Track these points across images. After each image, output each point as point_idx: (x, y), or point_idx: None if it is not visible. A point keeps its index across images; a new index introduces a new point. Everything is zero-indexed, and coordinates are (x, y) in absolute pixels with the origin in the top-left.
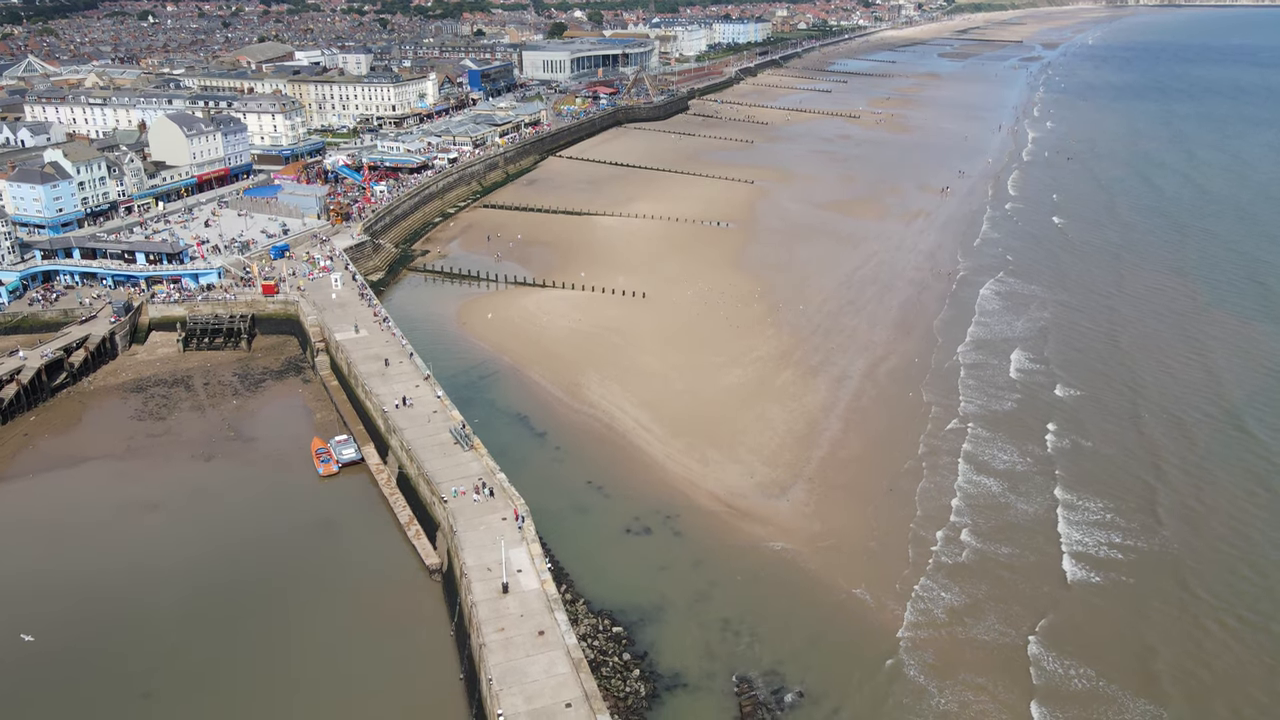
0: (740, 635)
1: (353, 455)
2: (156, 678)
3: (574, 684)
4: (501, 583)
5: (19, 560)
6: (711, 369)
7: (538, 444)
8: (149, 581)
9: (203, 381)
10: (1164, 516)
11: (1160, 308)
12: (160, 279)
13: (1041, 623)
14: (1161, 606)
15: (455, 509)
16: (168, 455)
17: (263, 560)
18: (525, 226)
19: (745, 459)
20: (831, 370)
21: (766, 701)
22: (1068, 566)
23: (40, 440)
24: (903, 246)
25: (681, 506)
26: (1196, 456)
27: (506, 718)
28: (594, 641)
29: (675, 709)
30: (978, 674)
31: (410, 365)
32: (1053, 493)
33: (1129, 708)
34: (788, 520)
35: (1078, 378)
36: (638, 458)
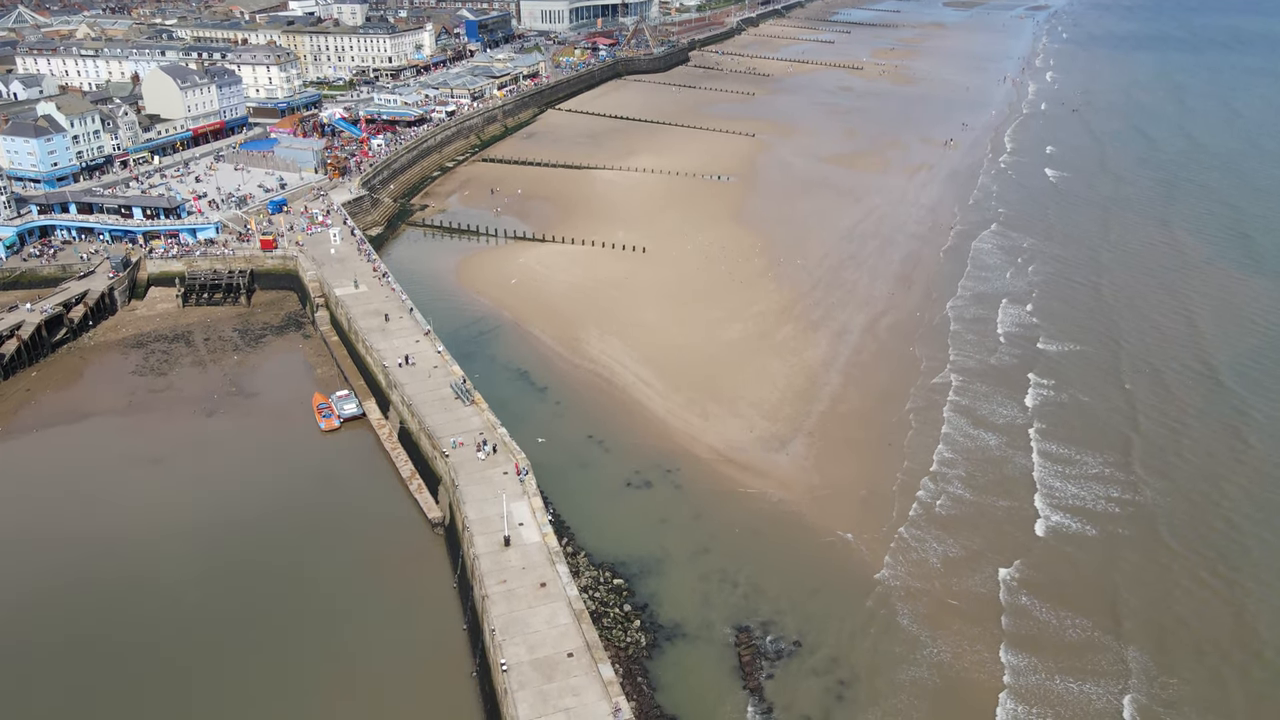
0: (739, 586)
1: (354, 410)
2: (164, 629)
3: (576, 634)
4: (503, 536)
5: (26, 513)
6: (712, 323)
7: (538, 399)
8: (155, 535)
9: (203, 337)
10: (1139, 469)
11: (1145, 260)
12: (158, 234)
13: (1026, 571)
14: (1132, 555)
15: (457, 463)
16: (169, 410)
17: (267, 514)
18: (525, 181)
19: (745, 413)
20: (832, 325)
21: (765, 651)
22: (1043, 513)
23: (42, 396)
24: (904, 200)
25: (682, 460)
26: (1174, 409)
27: (510, 667)
28: (595, 593)
29: (675, 659)
30: (969, 624)
31: (410, 320)
32: (1033, 444)
33: (1094, 647)
34: (787, 473)
35: (1063, 332)
36: (638, 412)
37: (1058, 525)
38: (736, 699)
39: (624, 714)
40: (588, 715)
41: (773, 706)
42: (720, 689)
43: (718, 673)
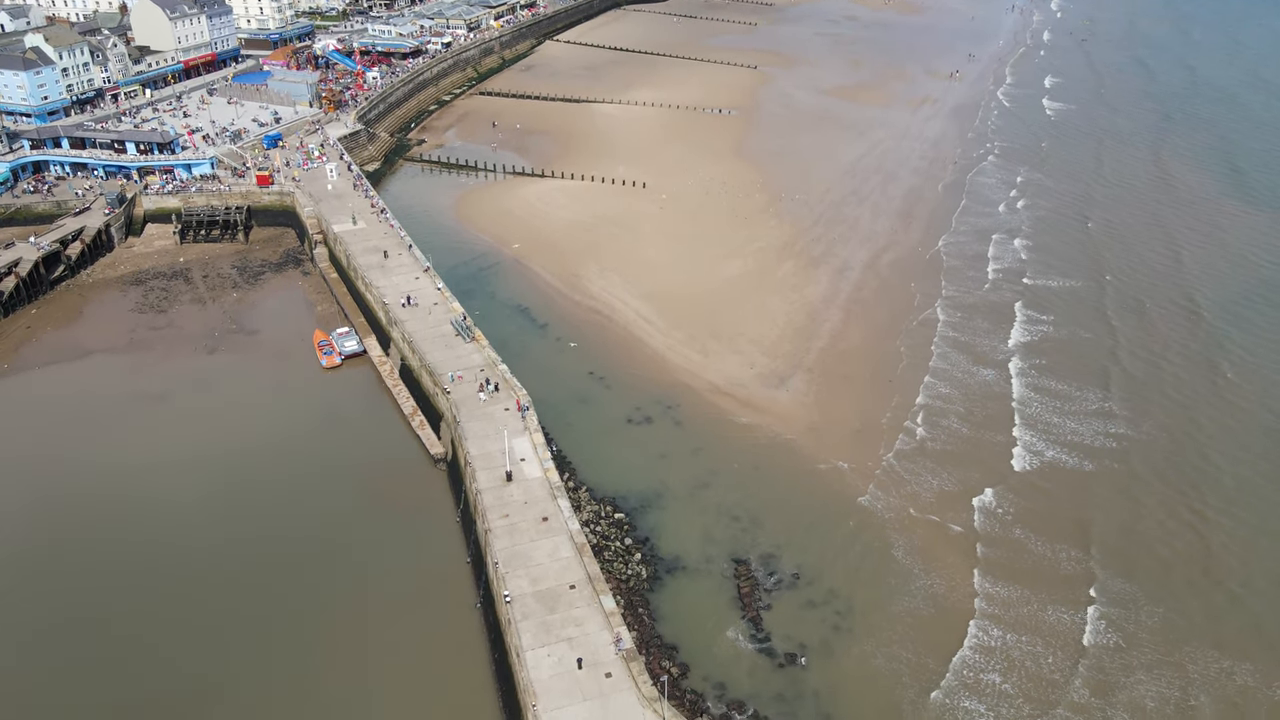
0: (738, 520)
1: (355, 347)
2: (169, 563)
3: (577, 567)
4: (505, 471)
5: (33, 449)
6: (712, 260)
7: (539, 335)
8: (159, 471)
9: (201, 274)
10: (1118, 402)
11: (1136, 194)
12: (152, 170)
13: (1015, 501)
14: (1106, 485)
15: (458, 399)
16: (171, 348)
17: (270, 451)
18: (523, 115)
19: (745, 350)
20: (833, 261)
21: (763, 583)
22: (1021, 441)
23: (43, 333)
24: (908, 134)
25: (682, 396)
26: (1156, 344)
27: (513, 599)
28: (596, 527)
29: (675, 591)
30: (963, 557)
31: (410, 257)
32: (1016, 379)
33: (1061, 568)
34: (786, 409)
35: (1053, 268)
36: (639, 349)
37: (1035, 454)
38: (735, 629)
39: (625, 644)
40: (590, 645)
41: (771, 636)
42: (720, 620)
43: (717, 604)
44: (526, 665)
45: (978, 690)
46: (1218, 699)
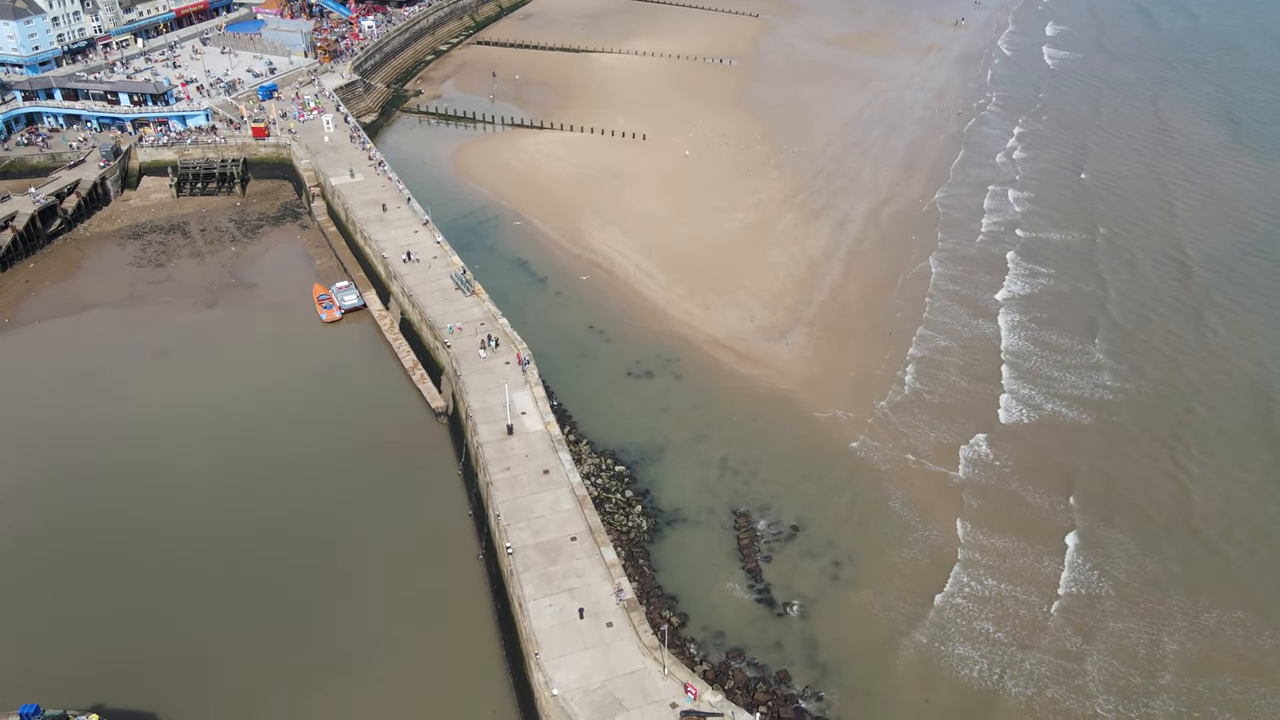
0: (738, 473)
1: (355, 301)
2: (172, 515)
3: (578, 519)
4: (506, 424)
5: (36, 403)
6: (713, 212)
7: (539, 289)
8: (161, 425)
9: (199, 228)
10: (1104, 353)
11: (1131, 144)
12: (146, 121)
13: (1008, 450)
14: (1089, 434)
15: (459, 353)
16: (170, 302)
17: (271, 404)
18: (521, 65)
19: (746, 303)
20: (834, 214)
21: (763, 534)
22: (1009, 388)
23: (42, 288)
24: (912, 84)
25: (682, 350)
26: (1144, 295)
27: (515, 550)
28: (597, 480)
29: (676, 542)
30: (958, 508)
31: (408, 211)
32: (1011, 331)
33: (1042, 511)
34: (786, 363)
35: (1047, 219)
36: (639, 303)
37: (1021, 403)
38: (735, 579)
39: (626, 594)
40: (591, 595)
41: (770, 586)
42: (719, 570)
43: (717, 555)
44: (529, 615)
45: (971, 637)
46: (1190, 643)
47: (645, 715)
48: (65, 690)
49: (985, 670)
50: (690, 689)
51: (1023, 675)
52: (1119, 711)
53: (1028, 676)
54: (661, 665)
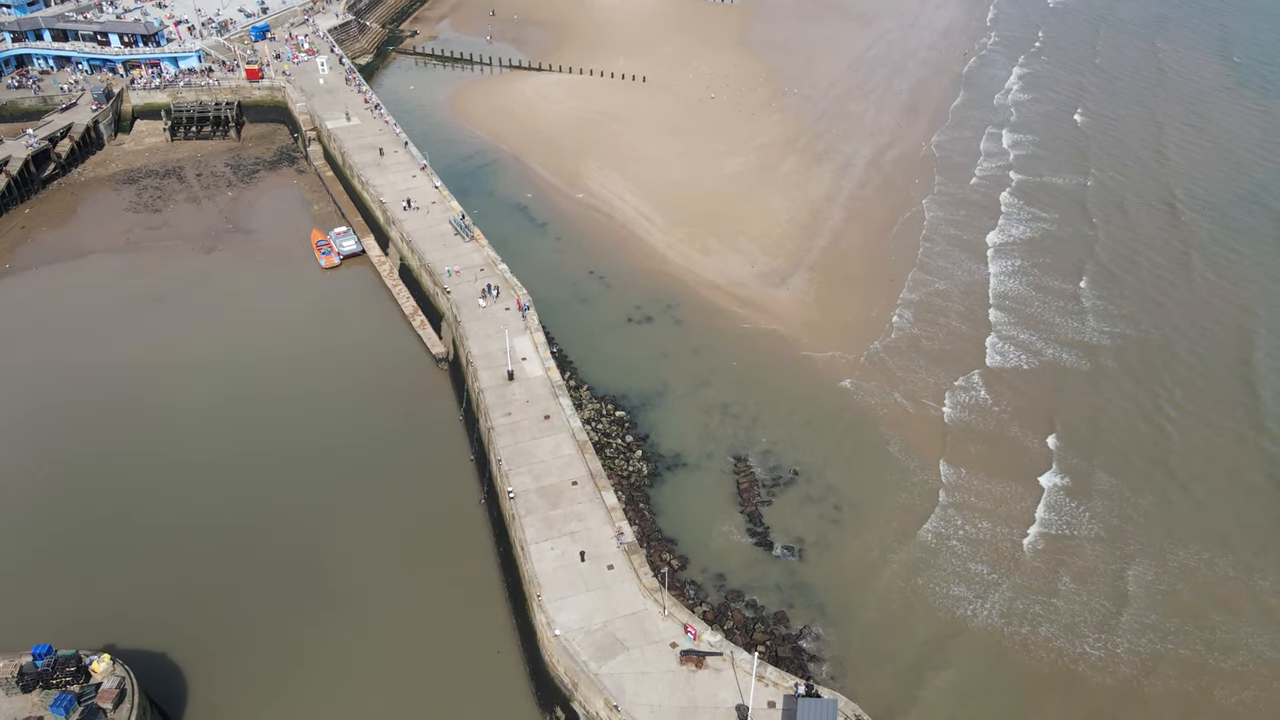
0: (738, 418)
1: (353, 247)
2: (174, 460)
3: (579, 464)
4: (507, 370)
5: (35, 350)
6: (714, 156)
7: (538, 234)
8: (163, 371)
9: (195, 172)
10: (1091, 299)
11: (1128, 85)
12: (138, 63)
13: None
14: (1072, 377)
15: (458, 299)
16: (168, 248)
17: (272, 351)
18: (519, 4)
19: (746, 248)
20: (836, 158)
21: (762, 479)
22: (992, 318)
23: (38, 234)
24: (917, 24)
25: (682, 295)
26: (1132, 239)
27: (516, 494)
28: (598, 425)
29: (676, 486)
30: (957, 451)
31: (406, 155)
32: (1010, 276)
33: (1024, 447)
34: (787, 308)
35: (1042, 161)
36: (639, 247)
37: (1004, 349)
38: (734, 523)
39: (626, 537)
40: (592, 539)
41: (769, 530)
42: (719, 514)
43: (717, 499)
44: (531, 558)
45: (965, 578)
46: (1158, 577)
47: (646, 655)
48: (77, 631)
49: (977, 609)
50: (690, 629)
51: (1016, 614)
52: (1106, 649)
53: (1021, 616)
54: (662, 606)
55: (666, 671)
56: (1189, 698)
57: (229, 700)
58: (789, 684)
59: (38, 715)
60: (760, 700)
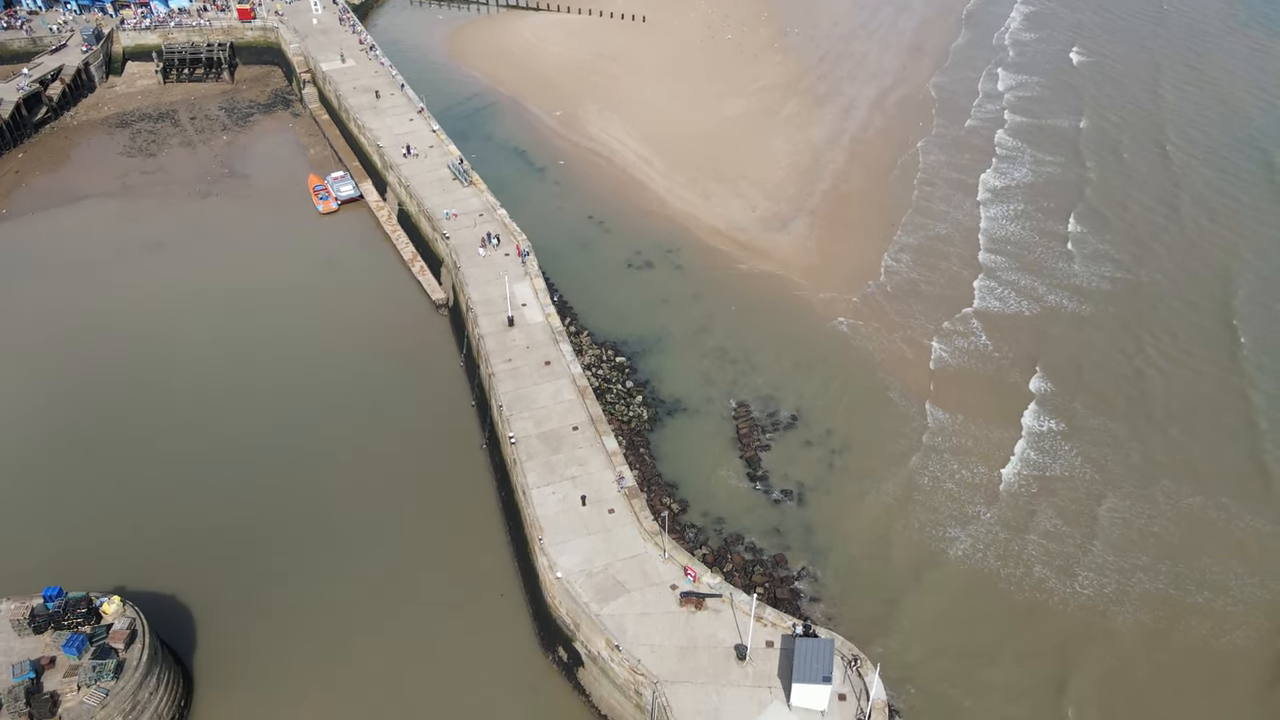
0: (738, 363)
1: (351, 192)
2: (176, 404)
3: (580, 409)
4: (507, 316)
5: (34, 296)
6: (714, 98)
7: (537, 179)
8: (162, 318)
9: (189, 116)
10: (1078, 240)
11: (1127, 20)
12: (127, 2)
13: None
14: (1056, 317)
15: (458, 245)
16: (164, 193)
17: (272, 297)
18: None
19: (747, 193)
20: (839, 100)
21: (762, 423)
22: (982, 261)
23: (32, 178)
24: None
25: (683, 240)
26: (1121, 181)
27: (518, 440)
28: (598, 370)
29: (676, 431)
30: (958, 393)
31: (402, 98)
32: (991, 217)
33: (1007, 380)
34: (788, 253)
35: (1041, 105)
36: (639, 192)
37: (989, 287)
38: (734, 467)
39: (627, 482)
40: (593, 483)
41: (768, 474)
42: (719, 459)
43: (716, 444)
44: (533, 502)
45: (961, 519)
46: (1132, 515)
47: (646, 596)
48: (87, 573)
49: (971, 550)
50: (690, 571)
51: (1010, 555)
52: (1095, 586)
53: (1015, 557)
54: (662, 550)
55: (666, 613)
56: (1155, 629)
57: (238, 640)
58: (787, 624)
59: (50, 655)
60: (759, 640)
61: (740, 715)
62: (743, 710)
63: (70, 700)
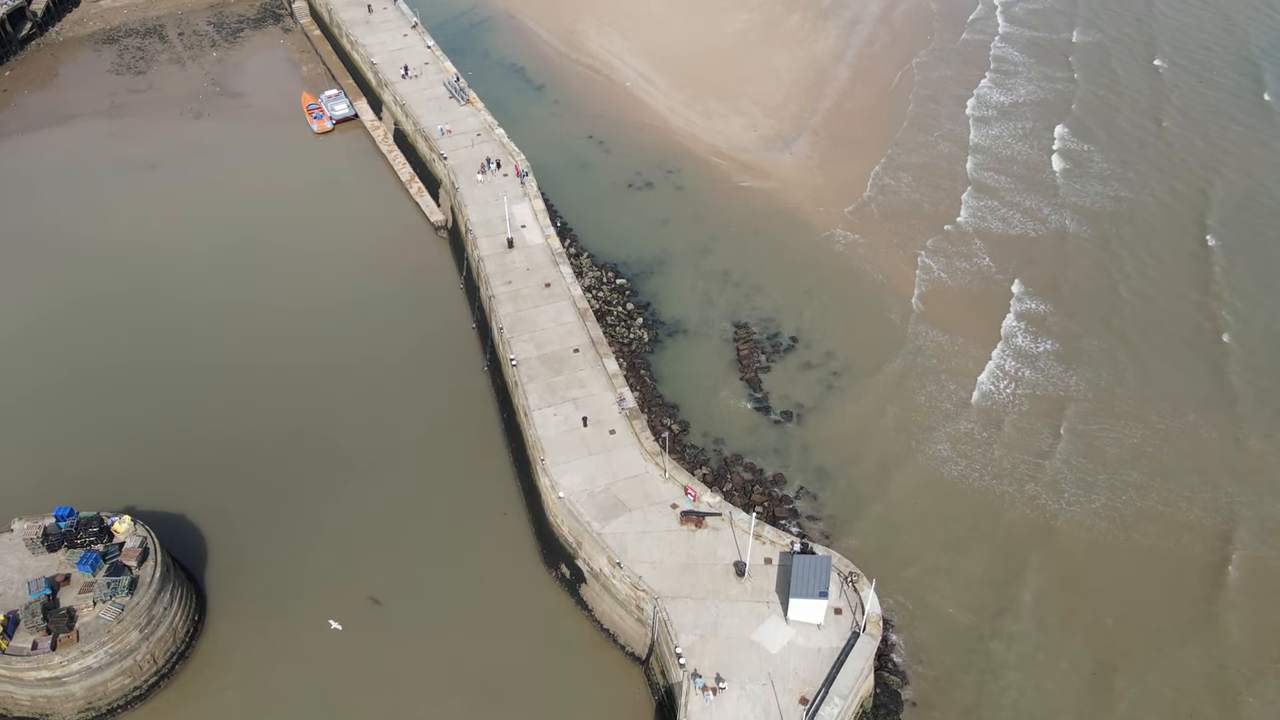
0: (739, 285)
1: (346, 111)
2: (185, 326)
3: (581, 331)
4: (507, 238)
5: (31, 217)
6: (716, 12)
7: (536, 97)
8: (158, 240)
9: (177, 32)
10: (1062, 155)
11: None
12: None
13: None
14: (1037, 230)
15: (455, 165)
16: (155, 112)
17: (269, 220)
18: None
19: (749, 111)
20: (844, 13)
21: (762, 345)
22: (974, 171)
23: (21, 97)
24: None
25: (684, 160)
26: (1107, 93)
27: (519, 362)
28: (599, 293)
29: (676, 353)
30: (959, 313)
31: (395, 11)
32: (979, 136)
33: (995, 289)
34: (790, 173)
35: (1039, 17)
36: (639, 111)
37: (975, 200)
38: (734, 389)
39: (628, 403)
40: (594, 405)
41: (768, 395)
42: (719, 381)
43: (716, 366)
44: (534, 423)
45: (956, 439)
46: (1103, 429)
47: (647, 515)
48: (97, 493)
49: (965, 470)
50: (690, 491)
51: (1004, 474)
52: (1083, 505)
53: (1009, 475)
54: (662, 470)
55: (667, 531)
56: (1110, 532)
57: (248, 557)
58: (785, 542)
59: (65, 573)
60: (757, 557)
61: (739, 628)
62: (741, 624)
63: (87, 615)
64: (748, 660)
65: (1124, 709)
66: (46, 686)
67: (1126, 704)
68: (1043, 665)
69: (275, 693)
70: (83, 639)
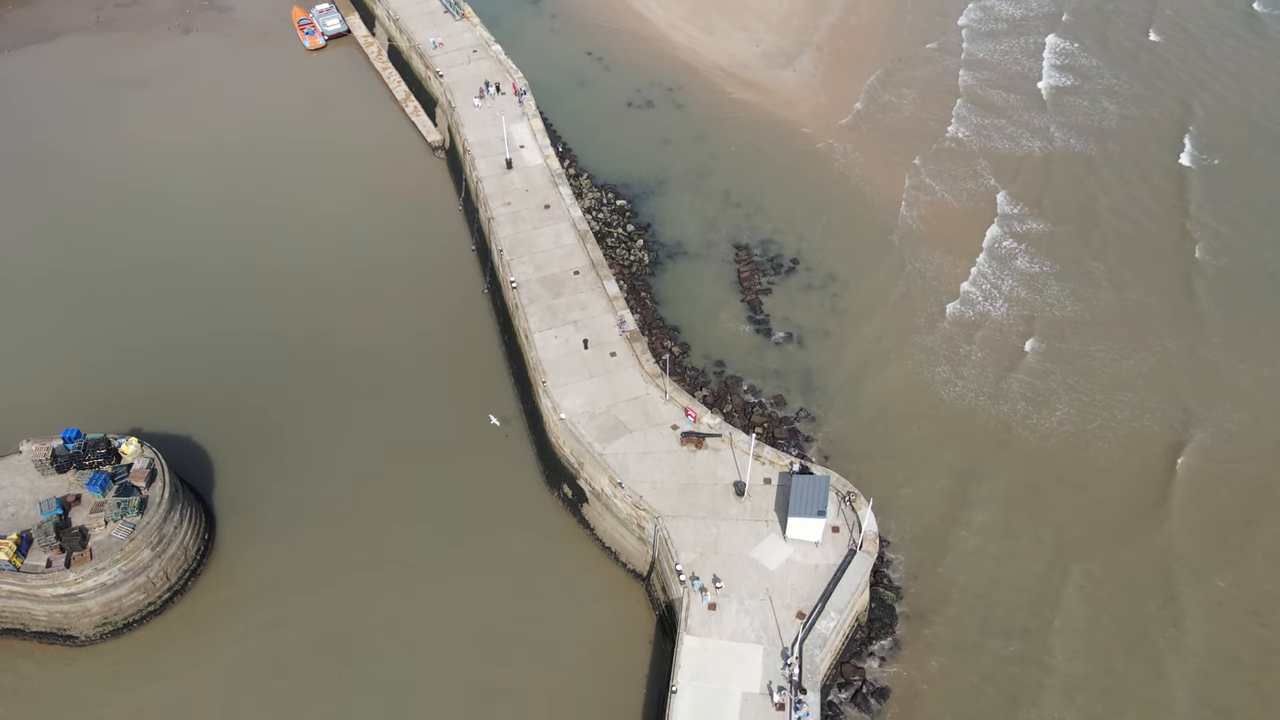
0: (740, 206)
1: (338, 26)
2: (187, 247)
3: (581, 253)
4: (505, 159)
5: (22, 134)
6: None
7: (533, 12)
8: (151, 159)
9: None
10: (1051, 71)
11: None
12: None
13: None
14: (1023, 148)
15: (452, 83)
16: (143, 28)
17: (261, 139)
18: None
19: (752, 26)
20: None
21: (763, 266)
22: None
23: (5, 13)
24: None
25: (684, 78)
26: (1101, 23)
27: (519, 284)
28: (599, 214)
29: (677, 275)
30: (961, 237)
31: None
32: (977, 50)
33: (985, 212)
34: (792, 91)
35: None
36: (638, 26)
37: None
38: (734, 310)
39: (628, 325)
40: (594, 327)
41: (769, 317)
42: (719, 302)
43: (717, 288)
44: (535, 346)
45: (953, 359)
46: (1082, 350)
47: (648, 436)
48: (104, 415)
49: (962, 390)
50: (690, 412)
51: (999, 394)
52: (1045, 418)
53: (1004, 394)
54: (663, 391)
55: (668, 452)
56: (1070, 443)
57: (254, 478)
58: (784, 462)
59: (75, 493)
60: (757, 477)
61: (738, 546)
62: (740, 542)
63: (99, 534)
64: (746, 576)
65: (1106, 619)
66: (63, 603)
67: (1108, 614)
68: (1039, 579)
69: (283, 603)
70: (96, 556)
